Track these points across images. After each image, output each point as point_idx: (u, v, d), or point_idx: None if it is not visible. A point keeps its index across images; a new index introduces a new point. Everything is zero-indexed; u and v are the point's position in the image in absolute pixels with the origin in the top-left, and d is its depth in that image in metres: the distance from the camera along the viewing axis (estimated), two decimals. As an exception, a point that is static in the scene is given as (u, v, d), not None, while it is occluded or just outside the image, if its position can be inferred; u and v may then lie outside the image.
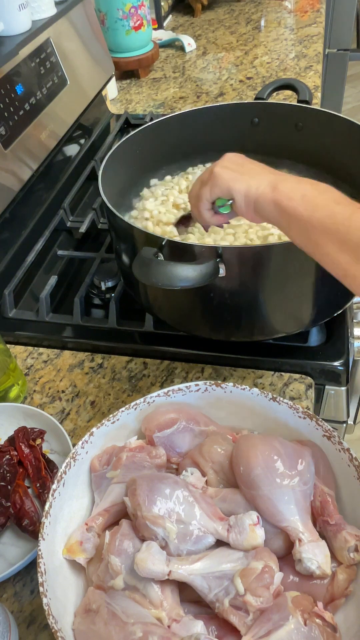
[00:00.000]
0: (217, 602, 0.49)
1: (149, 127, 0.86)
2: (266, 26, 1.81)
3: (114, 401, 0.76)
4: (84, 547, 0.54)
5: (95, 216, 1.03)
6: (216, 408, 0.63)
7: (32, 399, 0.78)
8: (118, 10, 1.44)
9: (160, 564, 0.49)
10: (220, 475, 0.57)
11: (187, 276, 0.59)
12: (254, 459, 0.54)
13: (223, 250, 0.62)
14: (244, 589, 0.48)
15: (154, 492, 0.52)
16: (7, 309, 0.88)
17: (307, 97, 0.89)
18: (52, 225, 1.02)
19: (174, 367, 0.79)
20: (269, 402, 0.60)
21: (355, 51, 2.43)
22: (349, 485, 0.56)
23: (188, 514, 0.52)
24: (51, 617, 0.47)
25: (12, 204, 0.93)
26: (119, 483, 0.56)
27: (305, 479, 0.54)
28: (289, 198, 0.52)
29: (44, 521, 0.52)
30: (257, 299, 0.69)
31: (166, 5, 1.91)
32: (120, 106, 1.47)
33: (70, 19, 1.15)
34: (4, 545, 0.62)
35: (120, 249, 0.75)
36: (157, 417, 0.61)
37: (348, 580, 0.51)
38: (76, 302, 0.85)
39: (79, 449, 0.57)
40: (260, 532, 0.51)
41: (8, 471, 0.64)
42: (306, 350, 0.78)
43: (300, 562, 0.51)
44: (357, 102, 3.37)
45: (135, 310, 0.84)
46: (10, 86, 0.93)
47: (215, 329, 0.74)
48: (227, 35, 1.78)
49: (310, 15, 1.85)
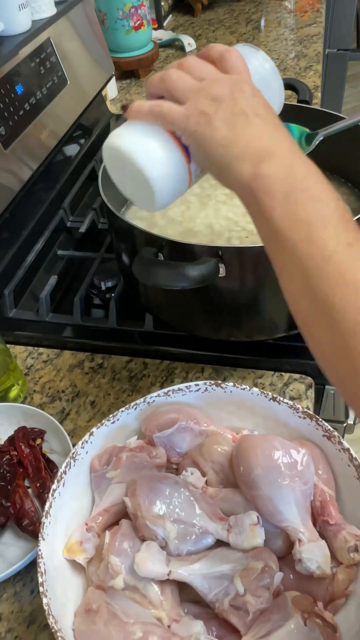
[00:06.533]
0: (217, 602, 0.49)
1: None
2: (266, 26, 1.81)
3: (114, 401, 0.76)
4: (84, 547, 0.54)
5: (95, 216, 1.03)
6: (216, 408, 0.63)
7: (32, 399, 0.78)
8: (118, 10, 1.44)
9: (160, 564, 0.49)
10: (220, 475, 0.57)
11: (187, 276, 0.59)
12: (254, 459, 0.54)
13: (223, 250, 0.62)
14: (244, 589, 0.48)
15: (154, 492, 0.52)
16: (7, 309, 0.88)
17: (307, 97, 0.89)
18: (52, 225, 1.02)
19: (174, 367, 0.79)
20: (269, 402, 0.60)
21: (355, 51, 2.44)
22: (349, 485, 0.56)
23: (188, 514, 0.52)
24: (51, 617, 0.47)
25: (12, 204, 0.92)
26: (119, 483, 0.56)
27: (305, 479, 0.54)
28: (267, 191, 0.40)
29: (44, 521, 0.52)
30: (257, 299, 0.69)
31: (166, 5, 1.91)
32: (120, 106, 1.47)
33: (70, 19, 1.15)
34: (4, 545, 0.62)
35: (120, 249, 0.75)
36: (157, 417, 0.61)
37: (348, 580, 0.51)
38: (76, 302, 0.85)
39: (79, 449, 0.58)
40: (260, 532, 0.51)
41: (8, 471, 0.64)
42: (306, 350, 0.77)
43: (300, 562, 0.51)
44: (357, 102, 3.37)
45: (135, 310, 0.84)
46: (10, 86, 0.93)
47: (215, 329, 0.74)
48: (227, 35, 1.77)
49: (310, 15, 1.85)
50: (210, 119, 0.44)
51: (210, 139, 0.44)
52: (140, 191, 0.50)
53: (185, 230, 0.82)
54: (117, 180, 0.54)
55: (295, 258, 0.39)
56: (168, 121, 0.46)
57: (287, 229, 0.39)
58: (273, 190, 0.40)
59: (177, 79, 0.46)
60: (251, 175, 0.41)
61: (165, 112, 0.46)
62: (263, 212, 0.41)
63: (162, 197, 0.49)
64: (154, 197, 0.49)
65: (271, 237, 0.41)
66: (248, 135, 0.43)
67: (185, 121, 0.45)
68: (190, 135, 0.45)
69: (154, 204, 0.49)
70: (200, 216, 0.84)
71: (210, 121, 0.43)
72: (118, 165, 0.50)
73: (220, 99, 0.44)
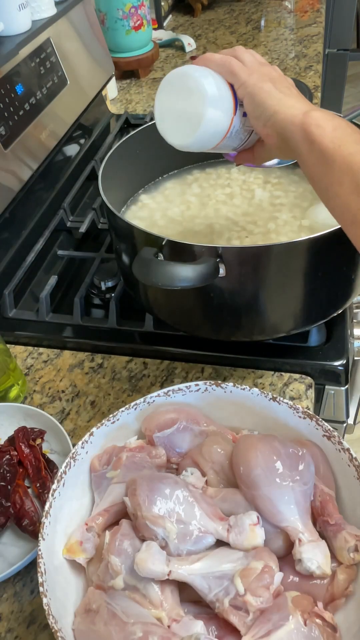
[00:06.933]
0: (217, 602, 0.49)
1: (149, 127, 0.86)
2: (266, 26, 1.81)
3: (114, 401, 0.76)
4: (84, 547, 0.54)
5: (95, 216, 1.03)
6: (216, 408, 0.63)
7: (32, 399, 0.78)
8: (118, 10, 1.44)
9: (160, 564, 0.49)
10: (220, 475, 0.57)
11: (187, 276, 0.59)
12: (254, 459, 0.54)
13: (223, 250, 0.62)
14: (244, 589, 0.48)
15: (154, 492, 0.52)
16: (7, 309, 0.88)
17: (307, 97, 0.89)
18: (52, 225, 1.02)
19: (174, 367, 0.79)
20: (269, 402, 0.60)
21: (355, 51, 2.43)
22: (349, 485, 0.56)
23: (188, 514, 0.52)
24: (51, 617, 0.47)
25: (12, 204, 0.93)
26: (119, 483, 0.56)
27: (305, 479, 0.54)
28: (318, 125, 0.49)
29: (44, 521, 0.52)
30: (257, 299, 0.69)
31: (166, 5, 1.91)
32: (120, 106, 1.47)
33: (70, 19, 1.15)
34: (4, 545, 0.62)
35: (120, 249, 0.75)
36: (157, 417, 0.61)
37: (348, 580, 0.51)
38: (76, 302, 0.85)
39: (79, 449, 0.58)
40: (260, 532, 0.51)
41: (8, 471, 0.64)
42: (306, 350, 0.78)
43: (300, 562, 0.51)
44: (357, 102, 3.37)
45: (135, 310, 0.84)
46: (10, 86, 0.93)
47: (215, 329, 0.74)
48: (227, 35, 1.78)
49: (310, 15, 1.85)
50: (268, 79, 0.55)
51: (268, 91, 0.54)
52: (182, 123, 0.56)
53: (185, 230, 0.82)
54: (161, 111, 0.59)
55: (344, 166, 0.47)
56: (234, 72, 0.55)
57: (338, 147, 0.48)
58: (323, 125, 0.49)
59: (242, 53, 0.57)
60: (302, 116, 0.51)
61: (234, 64, 0.56)
62: (313, 141, 0.49)
63: (204, 131, 0.55)
64: (197, 128, 0.55)
65: (321, 159, 0.49)
66: (295, 98, 0.54)
67: (248, 76, 0.55)
68: (250, 86, 0.54)
69: (193, 135, 0.55)
70: (200, 216, 0.84)
71: (268, 80, 0.55)
72: (176, 91, 0.56)
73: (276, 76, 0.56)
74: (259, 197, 0.86)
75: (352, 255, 0.68)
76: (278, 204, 0.84)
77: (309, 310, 0.72)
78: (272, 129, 0.53)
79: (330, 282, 0.69)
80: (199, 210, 0.85)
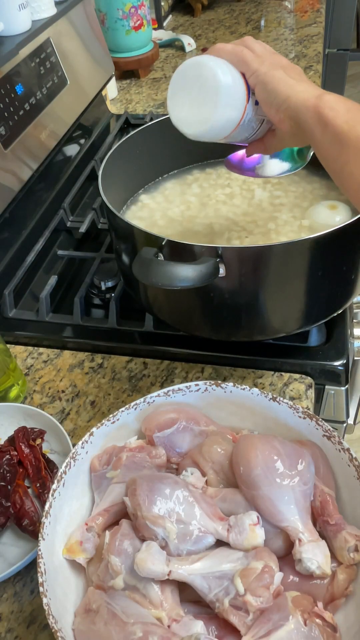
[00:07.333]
0: (217, 602, 0.49)
1: (149, 127, 0.86)
2: (266, 26, 1.81)
3: (114, 401, 0.76)
4: (84, 547, 0.54)
5: (95, 216, 1.03)
6: (216, 408, 0.63)
7: (32, 399, 0.78)
8: (118, 10, 1.44)
9: (160, 564, 0.49)
10: (220, 475, 0.57)
11: (187, 276, 0.59)
12: (254, 459, 0.54)
13: (223, 250, 0.62)
14: (244, 589, 0.48)
15: (154, 492, 0.52)
16: (7, 309, 0.88)
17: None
18: (52, 225, 1.02)
19: (174, 367, 0.79)
20: (269, 402, 0.60)
21: (355, 51, 2.43)
22: (349, 485, 0.56)
23: (188, 514, 0.52)
24: (51, 617, 0.47)
25: (12, 204, 0.93)
26: (119, 483, 0.56)
27: (305, 479, 0.54)
28: (331, 108, 0.51)
29: (44, 521, 0.52)
30: (257, 299, 0.69)
31: (166, 5, 1.91)
32: (120, 106, 1.47)
33: (70, 19, 1.15)
34: (4, 545, 0.62)
35: (120, 249, 0.75)
36: (157, 417, 0.61)
37: (348, 580, 0.51)
38: (76, 302, 0.85)
39: (79, 449, 0.58)
40: (260, 532, 0.51)
41: (8, 471, 0.64)
42: (306, 350, 0.78)
43: (300, 562, 0.51)
44: (357, 101, 3.37)
45: (135, 310, 0.84)
46: (10, 86, 0.93)
47: (215, 329, 0.74)
48: (227, 35, 1.78)
49: (310, 15, 1.85)
50: (279, 67, 0.56)
51: (279, 78, 0.55)
52: (196, 111, 0.57)
53: (185, 230, 0.82)
54: (174, 100, 0.59)
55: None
56: (246, 61, 0.56)
57: (352, 128, 0.49)
58: (336, 107, 0.51)
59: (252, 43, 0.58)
60: (315, 99, 0.52)
61: (245, 54, 0.57)
62: (327, 122, 0.50)
63: (217, 120, 0.56)
64: (211, 117, 0.56)
65: (335, 140, 0.50)
66: (307, 83, 0.55)
67: (260, 64, 0.56)
68: (262, 74, 0.55)
69: (206, 123, 0.56)
70: (200, 216, 0.84)
71: (279, 67, 0.56)
72: (189, 81, 0.57)
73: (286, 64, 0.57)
74: (259, 197, 0.86)
75: (352, 255, 0.68)
76: (278, 203, 0.84)
77: (309, 310, 0.72)
78: (285, 114, 0.54)
79: (330, 282, 0.69)
80: (199, 210, 0.85)
